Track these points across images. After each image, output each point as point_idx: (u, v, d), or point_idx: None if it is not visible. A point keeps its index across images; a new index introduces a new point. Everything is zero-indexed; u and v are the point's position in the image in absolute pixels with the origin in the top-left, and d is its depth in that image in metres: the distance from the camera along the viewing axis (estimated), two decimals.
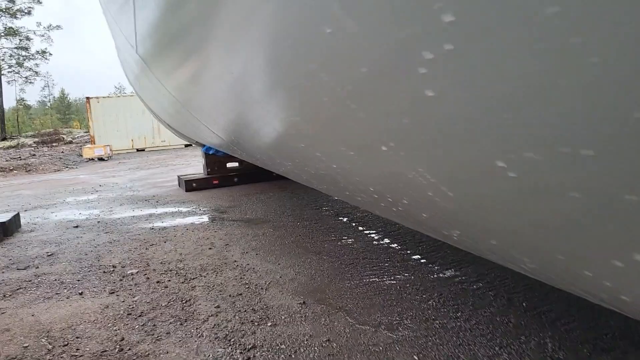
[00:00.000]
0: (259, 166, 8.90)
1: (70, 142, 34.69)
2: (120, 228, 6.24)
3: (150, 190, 9.81)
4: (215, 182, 9.21)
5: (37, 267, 4.76)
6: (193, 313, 3.39)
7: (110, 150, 21.92)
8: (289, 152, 2.96)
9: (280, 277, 3.97)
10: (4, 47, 45.91)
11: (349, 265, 4.12)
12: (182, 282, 4.02)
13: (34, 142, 39.64)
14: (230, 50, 2.30)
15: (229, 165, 9.50)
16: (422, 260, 4.09)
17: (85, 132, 39.30)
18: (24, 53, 47.39)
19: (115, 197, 9.13)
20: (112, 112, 26.10)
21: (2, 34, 45.21)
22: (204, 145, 9.45)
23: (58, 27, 48.28)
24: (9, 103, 59.11)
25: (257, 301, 3.50)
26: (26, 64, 48.12)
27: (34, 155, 23.36)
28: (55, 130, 46.98)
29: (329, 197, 7.33)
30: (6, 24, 45.11)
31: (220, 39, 2.36)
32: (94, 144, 24.41)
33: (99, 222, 6.75)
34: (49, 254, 5.21)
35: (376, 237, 4.91)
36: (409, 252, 4.36)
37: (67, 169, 17.91)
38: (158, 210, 7.35)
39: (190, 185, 9.09)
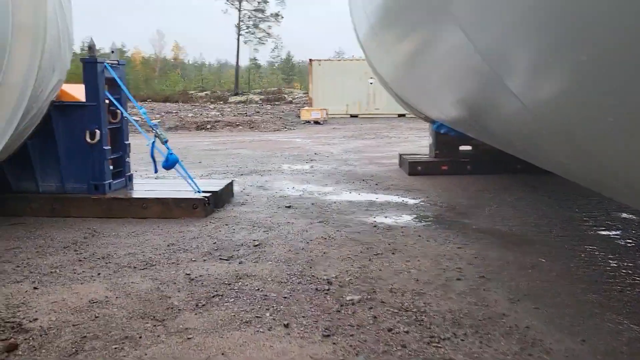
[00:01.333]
0: (497, 153, 7.11)
1: (290, 102, 36.37)
2: (336, 218, 5.15)
3: (367, 167, 8.72)
4: (444, 167, 7.69)
5: (241, 262, 3.85)
6: None
7: (326, 114, 21.84)
8: None
9: None
10: (244, 9, 50.04)
11: None
12: (427, 344, 2.63)
13: (260, 100, 42.78)
14: None
15: (461, 148, 7.86)
16: None
17: (304, 93, 40.96)
18: (260, 15, 51.13)
19: (330, 171, 8.23)
20: (331, 76, 26.12)
21: None
22: (434, 122, 7.96)
23: None
24: (243, 62, 65.18)
25: None
26: (261, 25, 51.92)
27: (258, 112, 24.59)
28: (279, 89, 50.19)
29: (611, 210, 5.27)
30: None
31: None
32: (312, 106, 24.71)
33: (313, 204, 5.78)
34: (256, 243, 4.30)
35: None
36: None
37: (285, 129, 18.12)
38: (379, 198, 6.13)
39: (415, 168, 7.71)
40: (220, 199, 5.58)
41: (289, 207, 5.61)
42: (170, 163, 5.30)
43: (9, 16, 4.17)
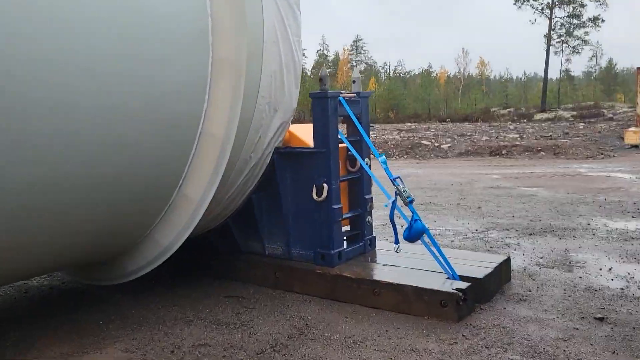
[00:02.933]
0: None
1: (610, 119, 30.66)
2: None
3: None
4: None
5: None
6: None
7: None
8: None
9: None
10: (555, 17, 45.14)
11: None
12: None
13: (571, 116, 37.55)
14: None
15: None
16: None
17: (630, 108, 34.11)
18: (574, 21, 45.40)
19: None
20: None
21: (556, 3, 44.38)
22: None
23: None
24: (553, 74, 59.22)
25: None
26: (575, 32, 46.08)
27: (567, 133, 20.98)
28: (596, 103, 43.42)
29: None
30: None
31: None
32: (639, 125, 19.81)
33: None
34: None
35: None
36: None
37: (601, 157, 14.59)
38: None
39: None
40: (486, 289, 3.77)
41: (601, 319, 3.40)
42: (413, 234, 3.76)
43: (209, 52, 3.30)
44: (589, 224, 6.12)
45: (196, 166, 3.46)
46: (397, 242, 3.98)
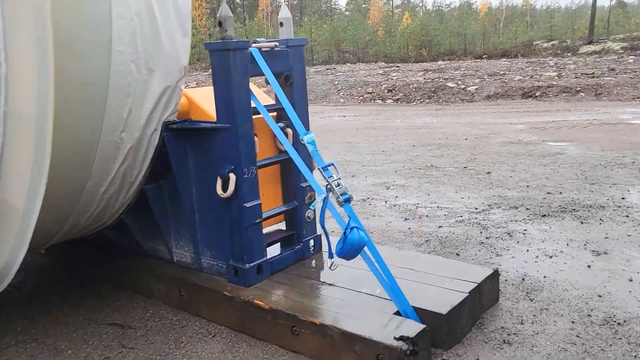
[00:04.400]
0: None
1: None
2: None
3: None
4: None
5: None
6: None
7: None
8: None
9: None
10: None
11: None
12: None
13: (621, 48, 34.33)
14: None
15: None
16: None
17: None
18: None
19: None
20: None
21: None
22: None
23: None
24: (603, 1, 54.26)
25: None
26: None
27: (613, 69, 18.72)
28: None
29: None
30: None
31: None
32: None
33: None
34: None
35: None
36: None
37: None
38: None
39: None
40: (453, 328, 2.61)
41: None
42: (347, 248, 2.58)
43: None
44: (623, 199, 4.77)
45: (9, 160, 2.35)
46: (330, 255, 2.81)
